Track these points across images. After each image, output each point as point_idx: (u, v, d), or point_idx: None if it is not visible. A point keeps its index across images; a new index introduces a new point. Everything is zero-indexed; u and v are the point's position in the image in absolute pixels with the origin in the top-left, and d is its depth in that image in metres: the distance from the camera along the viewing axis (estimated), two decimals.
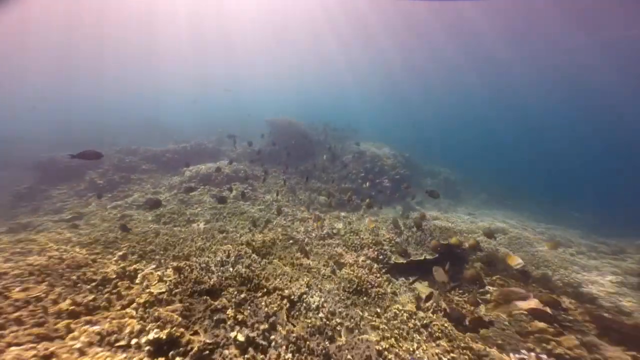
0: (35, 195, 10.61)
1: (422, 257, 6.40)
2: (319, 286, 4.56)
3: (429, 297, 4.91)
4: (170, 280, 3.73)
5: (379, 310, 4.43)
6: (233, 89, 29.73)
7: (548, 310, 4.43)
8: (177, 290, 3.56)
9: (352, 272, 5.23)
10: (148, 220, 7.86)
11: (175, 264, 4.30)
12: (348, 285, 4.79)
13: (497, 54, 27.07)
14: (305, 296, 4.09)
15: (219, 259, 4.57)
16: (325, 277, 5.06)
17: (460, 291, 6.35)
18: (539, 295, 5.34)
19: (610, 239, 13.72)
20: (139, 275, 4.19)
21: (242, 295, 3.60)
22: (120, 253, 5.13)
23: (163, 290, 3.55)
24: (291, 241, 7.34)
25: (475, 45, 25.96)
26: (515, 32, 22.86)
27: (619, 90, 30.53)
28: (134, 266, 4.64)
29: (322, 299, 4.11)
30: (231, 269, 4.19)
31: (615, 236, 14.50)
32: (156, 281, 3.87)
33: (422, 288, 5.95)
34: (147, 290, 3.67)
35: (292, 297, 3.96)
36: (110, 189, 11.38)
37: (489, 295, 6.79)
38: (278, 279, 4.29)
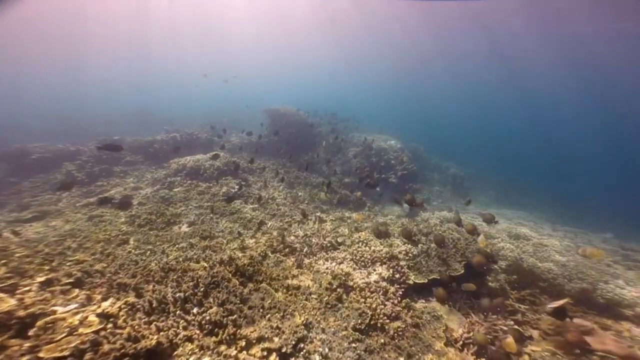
0: (2, 189, 9.44)
1: (445, 274, 5.25)
2: (322, 325, 3.42)
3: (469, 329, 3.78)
4: (88, 334, 2.52)
5: None
6: (234, 77, 28.02)
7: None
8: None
9: (363, 300, 4.10)
10: (121, 222, 6.70)
11: (113, 300, 3.14)
12: (359, 321, 3.66)
13: (508, 45, 25.30)
14: (303, 344, 2.94)
15: (181, 292, 3.40)
16: (330, 307, 3.92)
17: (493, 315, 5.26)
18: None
19: (631, 242, 12.65)
20: (42, 321, 2.73)
21: None
22: (48, 276, 3.80)
23: (65, 354, 2.26)
24: (287, 249, 6.21)
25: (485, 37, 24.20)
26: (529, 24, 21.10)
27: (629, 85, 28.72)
28: (47, 304, 3.05)
29: (326, 348, 2.97)
30: (195, 311, 3.03)
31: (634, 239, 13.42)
32: (64, 334, 2.57)
33: (446, 313, 4.84)
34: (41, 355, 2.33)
35: (285, 348, 2.81)
36: (89, 182, 10.21)
37: (520, 315, 5.70)
38: (265, 319, 3.14)
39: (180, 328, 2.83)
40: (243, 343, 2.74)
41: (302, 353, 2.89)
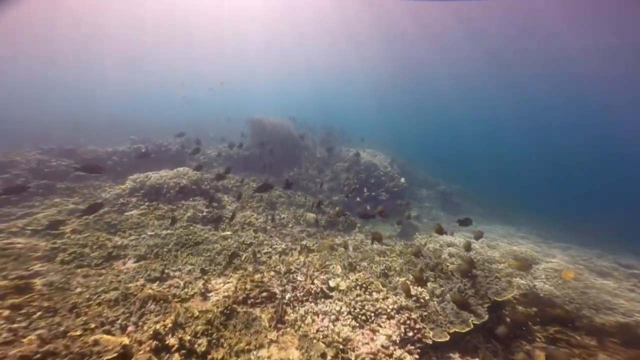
0: None
1: (472, 325, 4.06)
2: None
3: None
4: None
5: None
6: (221, 83, 26.56)
7: None
8: None
9: None
10: (34, 256, 4.96)
11: None
12: None
13: (503, 54, 26.02)
14: None
15: None
16: None
17: None
18: None
19: (624, 257, 12.43)
20: None
21: None
22: None
23: None
24: (264, 294, 4.78)
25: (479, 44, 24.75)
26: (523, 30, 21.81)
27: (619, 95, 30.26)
28: None
29: None
30: None
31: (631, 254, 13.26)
32: None
33: None
34: None
35: None
36: (17, 202, 8.23)
37: None
38: None
39: None
40: None
41: None
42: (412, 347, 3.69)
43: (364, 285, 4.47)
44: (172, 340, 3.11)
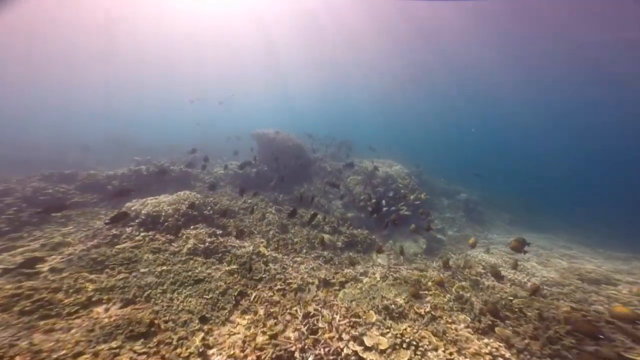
0: None
1: None
2: None
3: None
4: None
5: None
6: (231, 95, 26.32)
7: None
8: None
9: None
10: None
11: None
12: None
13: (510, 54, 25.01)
14: None
15: None
16: None
17: None
18: None
19: None
20: None
21: None
22: None
23: None
24: (280, 353, 3.65)
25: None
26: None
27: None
28: None
29: None
30: None
31: None
32: None
33: None
34: None
35: None
36: (7, 232, 7.50)
37: None
38: None
39: None
40: None
41: None
42: None
43: (414, 343, 3.28)
44: None
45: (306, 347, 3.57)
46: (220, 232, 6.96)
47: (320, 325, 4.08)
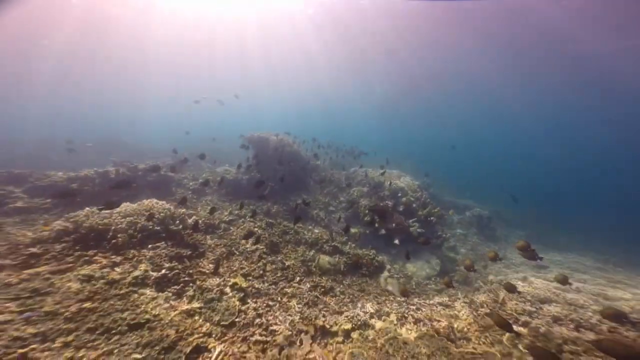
0: None
1: None
2: None
3: None
4: None
5: None
6: (234, 96, 24.82)
7: None
8: None
9: None
10: None
11: None
12: None
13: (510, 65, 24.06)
14: None
15: None
16: None
17: None
18: None
19: None
20: None
21: None
22: None
23: None
24: None
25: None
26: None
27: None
28: None
29: None
30: None
31: None
32: None
33: None
34: None
35: None
36: None
37: None
38: None
39: None
40: None
41: None
42: None
43: None
44: None
45: None
46: (189, 253, 5.35)
47: None
